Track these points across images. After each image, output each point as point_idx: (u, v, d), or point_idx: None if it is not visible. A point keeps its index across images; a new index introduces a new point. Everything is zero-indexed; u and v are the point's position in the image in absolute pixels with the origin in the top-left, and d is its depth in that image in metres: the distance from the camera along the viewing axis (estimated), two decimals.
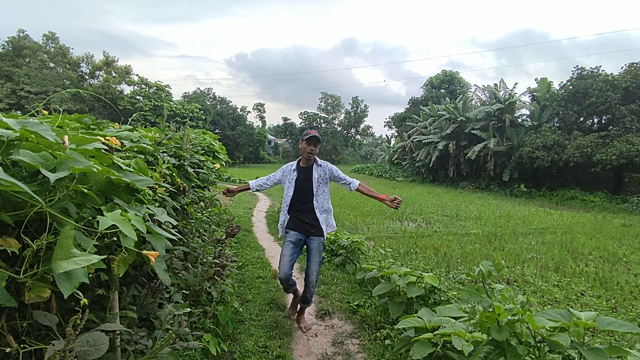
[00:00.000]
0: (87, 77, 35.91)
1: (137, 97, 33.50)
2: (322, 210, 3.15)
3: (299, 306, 3.28)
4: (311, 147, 3.05)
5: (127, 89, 35.96)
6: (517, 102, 20.97)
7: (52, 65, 33.04)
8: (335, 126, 56.35)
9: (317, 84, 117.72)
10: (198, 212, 4.05)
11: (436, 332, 2.11)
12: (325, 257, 5.13)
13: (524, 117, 21.44)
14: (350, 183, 3.14)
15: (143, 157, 1.97)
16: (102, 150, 1.26)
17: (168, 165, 2.21)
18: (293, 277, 3.19)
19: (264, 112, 61.16)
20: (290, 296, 3.92)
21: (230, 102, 42.37)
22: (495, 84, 23.19)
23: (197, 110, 34.35)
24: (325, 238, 3.18)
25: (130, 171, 1.37)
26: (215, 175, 4.37)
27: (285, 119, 58.73)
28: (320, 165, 3.14)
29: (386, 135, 44.52)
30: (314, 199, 3.11)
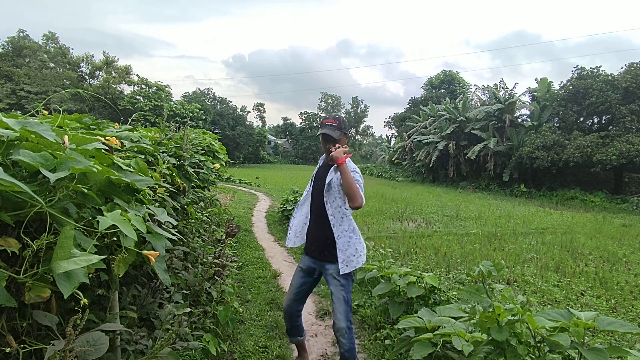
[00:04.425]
0: (87, 77, 35.89)
1: (137, 97, 33.48)
2: (341, 228, 2.23)
3: None
4: (329, 147, 2.23)
5: (127, 89, 35.97)
6: (517, 102, 20.98)
7: (52, 65, 33.02)
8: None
9: (315, 84, 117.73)
10: (198, 212, 4.05)
11: (436, 332, 2.11)
12: None
13: (524, 117, 21.46)
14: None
15: (143, 157, 1.98)
16: (102, 150, 1.26)
17: (168, 165, 2.21)
18: (301, 318, 2.49)
19: (264, 112, 61.33)
20: None
21: (230, 102, 42.35)
22: (495, 84, 23.19)
23: (197, 110, 34.34)
24: (346, 268, 2.22)
25: (130, 171, 1.37)
26: (215, 175, 4.38)
27: (285, 119, 58.90)
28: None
29: (386, 135, 44.58)
30: (326, 205, 2.26)
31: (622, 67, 16.97)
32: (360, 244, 2.27)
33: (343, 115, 61.01)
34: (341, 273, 2.22)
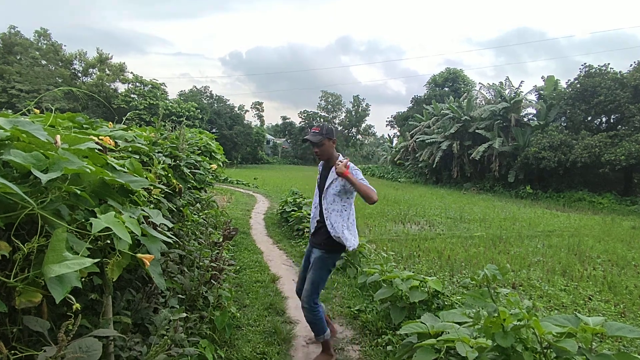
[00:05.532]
0: (80, 74, 35.95)
1: (132, 95, 33.51)
2: (329, 221, 2.69)
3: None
4: (315, 150, 2.75)
5: (122, 87, 36.02)
6: (523, 100, 21.00)
7: (44, 62, 33.06)
8: (336, 125, 56.54)
9: (315, 82, 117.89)
10: (194, 214, 4.05)
11: (439, 338, 2.11)
12: None
13: (530, 116, 21.49)
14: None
15: (138, 157, 1.98)
16: (96, 150, 1.26)
17: (163, 165, 2.21)
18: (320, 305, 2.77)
19: (262, 111, 61.39)
20: (290, 303, 3.92)
21: (228, 100, 42.39)
22: (501, 82, 23.23)
23: (194, 109, 34.36)
24: (328, 252, 2.69)
25: (125, 172, 1.37)
26: (212, 176, 4.37)
27: (284, 118, 59.01)
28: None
29: (388, 135, 44.50)
30: (324, 205, 2.74)
31: (631, 65, 17.00)
32: (344, 235, 2.67)
33: (343, 115, 60.52)
34: (315, 251, 2.73)
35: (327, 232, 2.68)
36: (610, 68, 17.43)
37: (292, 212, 7.45)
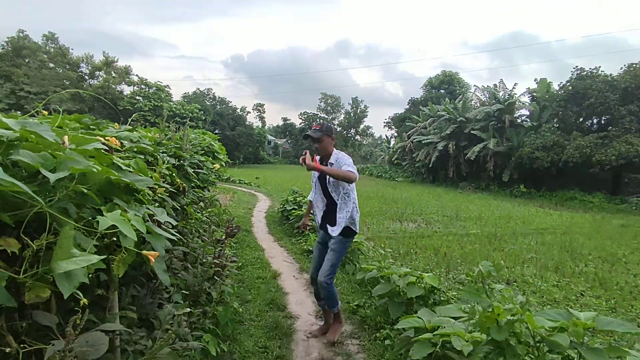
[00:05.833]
0: (86, 77, 35.85)
1: (137, 97, 33.43)
2: (344, 209, 2.90)
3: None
4: (315, 145, 2.90)
5: (127, 89, 35.91)
6: (517, 102, 21.02)
7: (51, 65, 32.94)
8: (335, 126, 56.45)
9: (315, 85, 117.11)
10: (198, 213, 4.05)
11: (436, 332, 2.11)
12: None
13: (523, 118, 21.50)
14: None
15: (143, 157, 1.98)
16: (102, 151, 1.26)
17: (168, 165, 2.21)
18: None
19: (264, 112, 61.23)
20: (291, 299, 3.92)
21: (230, 102, 42.30)
22: (495, 85, 23.23)
23: (197, 111, 34.28)
24: (346, 235, 2.89)
25: (130, 171, 1.37)
26: (215, 175, 4.38)
27: (284, 119, 58.96)
28: (332, 163, 2.85)
29: (386, 135, 44.55)
30: (334, 196, 2.92)
31: (622, 68, 17.00)
32: (351, 214, 2.88)
33: (342, 116, 60.49)
34: (334, 234, 2.87)
35: (341, 217, 2.87)
36: (601, 71, 17.43)
37: (293, 211, 7.45)
